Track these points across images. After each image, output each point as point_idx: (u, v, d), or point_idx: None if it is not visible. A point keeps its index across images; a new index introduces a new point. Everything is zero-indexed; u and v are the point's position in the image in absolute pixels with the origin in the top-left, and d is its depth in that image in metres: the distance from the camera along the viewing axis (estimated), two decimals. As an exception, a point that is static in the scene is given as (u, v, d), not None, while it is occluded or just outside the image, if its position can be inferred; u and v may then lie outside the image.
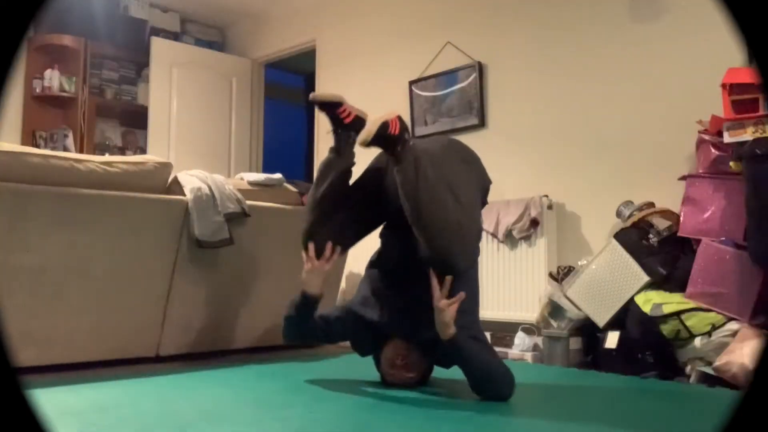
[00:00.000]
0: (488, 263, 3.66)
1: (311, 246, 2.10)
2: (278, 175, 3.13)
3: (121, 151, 5.42)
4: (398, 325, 2.06)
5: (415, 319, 2.01)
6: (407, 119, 4.37)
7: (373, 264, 2.22)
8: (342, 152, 2.16)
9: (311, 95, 2.19)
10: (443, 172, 1.97)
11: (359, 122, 2.14)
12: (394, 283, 2.12)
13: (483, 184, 2.19)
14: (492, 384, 1.95)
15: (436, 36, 4.26)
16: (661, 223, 3.00)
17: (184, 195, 2.69)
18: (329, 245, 2.10)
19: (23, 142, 4.88)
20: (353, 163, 2.20)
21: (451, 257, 1.88)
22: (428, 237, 1.87)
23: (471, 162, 2.18)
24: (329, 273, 2.15)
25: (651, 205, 3.11)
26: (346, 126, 2.14)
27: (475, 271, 2.17)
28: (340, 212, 2.13)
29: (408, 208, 1.90)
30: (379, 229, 2.27)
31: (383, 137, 1.91)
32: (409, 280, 2.04)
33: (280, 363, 2.67)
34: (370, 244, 2.31)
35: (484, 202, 2.24)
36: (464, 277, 1.99)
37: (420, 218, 1.88)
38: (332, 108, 2.14)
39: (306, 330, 2.21)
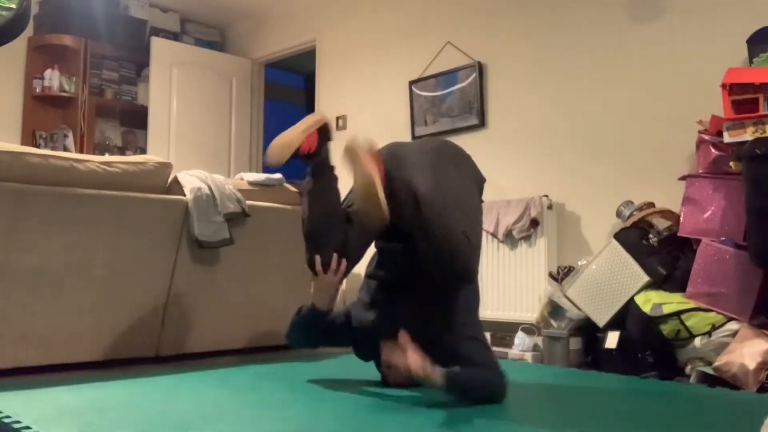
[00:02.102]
0: (488, 263, 3.66)
1: (317, 259, 2.06)
2: (278, 175, 3.13)
3: (121, 151, 5.42)
4: (398, 329, 2.05)
5: (414, 322, 2.00)
6: (407, 119, 4.38)
7: (370, 275, 2.21)
8: (325, 173, 2.12)
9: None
10: (447, 192, 1.93)
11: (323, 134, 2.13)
12: (393, 290, 2.11)
13: (478, 181, 2.16)
14: (487, 399, 1.95)
15: (436, 36, 4.26)
16: (661, 223, 3.00)
17: (184, 195, 2.69)
18: (335, 257, 2.05)
19: (23, 142, 4.88)
20: (337, 177, 2.15)
21: (468, 273, 1.91)
22: (443, 260, 1.85)
23: (463, 163, 2.13)
24: (338, 286, 2.11)
25: (651, 205, 3.11)
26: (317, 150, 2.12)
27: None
28: (340, 232, 2.09)
29: (420, 236, 1.89)
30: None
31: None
32: (407, 288, 2.04)
33: (280, 363, 2.67)
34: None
35: (481, 200, 2.22)
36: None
37: (433, 243, 1.85)
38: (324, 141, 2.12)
39: (312, 339, 2.22)
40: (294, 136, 2.02)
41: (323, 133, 2.10)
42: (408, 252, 2.00)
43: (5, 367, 2.24)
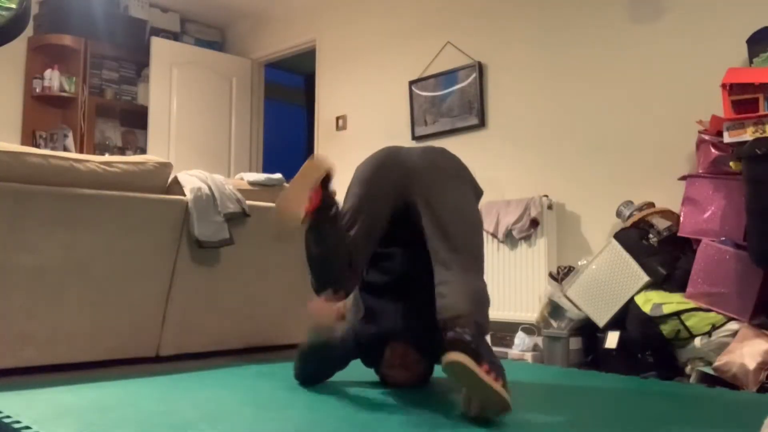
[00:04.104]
0: (488, 263, 3.64)
1: (329, 292, 1.97)
2: (278, 175, 3.13)
3: (121, 151, 5.42)
4: (402, 330, 2.04)
5: (419, 323, 1.99)
6: (407, 119, 4.38)
7: (364, 285, 2.17)
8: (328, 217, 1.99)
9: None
10: (453, 205, 1.96)
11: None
12: (394, 294, 2.10)
13: (477, 194, 2.14)
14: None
15: (436, 36, 4.26)
16: (661, 223, 3.00)
17: (184, 195, 2.69)
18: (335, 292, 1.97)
19: (23, 142, 4.89)
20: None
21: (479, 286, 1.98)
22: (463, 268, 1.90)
23: (464, 175, 2.10)
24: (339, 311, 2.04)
25: (651, 205, 3.11)
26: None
27: None
28: (345, 265, 2.03)
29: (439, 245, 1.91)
30: None
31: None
32: (410, 290, 2.04)
33: (280, 363, 2.67)
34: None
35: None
36: None
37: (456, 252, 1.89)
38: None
39: (323, 370, 2.19)
40: (297, 201, 1.87)
41: (326, 183, 1.95)
42: (407, 256, 2.05)
43: (5, 367, 2.24)
